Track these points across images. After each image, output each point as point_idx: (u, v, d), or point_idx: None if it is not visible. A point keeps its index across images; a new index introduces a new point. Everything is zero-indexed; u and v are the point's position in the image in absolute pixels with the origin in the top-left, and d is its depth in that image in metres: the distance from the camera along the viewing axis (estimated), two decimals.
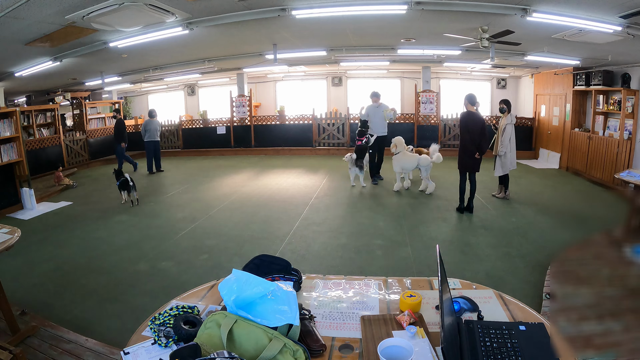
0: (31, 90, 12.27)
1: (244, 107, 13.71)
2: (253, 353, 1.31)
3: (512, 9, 4.96)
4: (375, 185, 8.67)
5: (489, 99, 14.25)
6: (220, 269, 4.73)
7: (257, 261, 1.94)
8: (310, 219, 6.56)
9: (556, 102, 10.84)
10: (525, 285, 4.21)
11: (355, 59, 10.79)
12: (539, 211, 6.74)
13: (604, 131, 8.92)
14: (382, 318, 1.67)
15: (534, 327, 1.51)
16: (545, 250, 5.06)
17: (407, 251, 5.19)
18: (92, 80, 11.13)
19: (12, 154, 7.45)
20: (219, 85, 15.65)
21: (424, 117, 12.79)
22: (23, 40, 5.73)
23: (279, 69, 12.87)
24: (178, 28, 5.70)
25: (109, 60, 8.30)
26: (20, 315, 3.66)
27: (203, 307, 1.82)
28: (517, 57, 8.61)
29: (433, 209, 6.90)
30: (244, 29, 6.43)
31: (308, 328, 1.55)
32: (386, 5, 5.14)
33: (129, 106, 16.12)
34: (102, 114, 13.79)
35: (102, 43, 6.46)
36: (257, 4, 5.11)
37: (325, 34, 7.28)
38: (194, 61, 10.08)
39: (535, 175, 9.83)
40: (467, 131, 6.48)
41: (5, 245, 3.13)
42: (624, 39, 5.59)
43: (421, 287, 1.98)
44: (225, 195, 8.24)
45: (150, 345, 1.49)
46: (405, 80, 14.33)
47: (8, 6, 4.14)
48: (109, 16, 4.66)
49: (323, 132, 13.41)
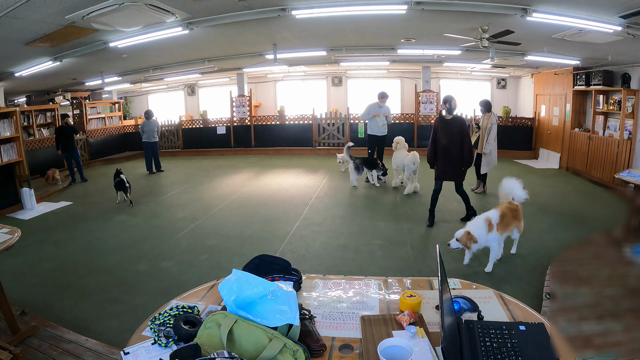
0: (31, 90, 12.26)
1: (244, 107, 13.72)
2: (253, 353, 1.31)
3: (512, 9, 4.96)
4: (375, 186, 8.66)
5: (489, 99, 14.21)
6: (220, 269, 4.72)
7: (257, 261, 1.94)
8: (310, 219, 6.57)
9: (556, 102, 10.83)
10: (525, 285, 4.21)
11: (355, 59, 10.79)
12: (538, 211, 6.74)
13: (604, 131, 8.92)
14: (382, 318, 1.67)
15: (534, 327, 1.52)
16: (545, 250, 5.06)
17: (407, 251, 5.19)
18: (92, 80, 11.13)
19: (12, 154, 7.46)
20: (219, 85, 15.64)
21: (424, 117, 12.79)
22: (23, 40, 5.73)
23: (279, 69, 12.87)
24: (178, 28, 5.70)
25: (109, 60, 8.29)
26: (20, 315, 3.67)
27: (203, 307, 1.82)
28: (517, 57, 8.61)
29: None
30: (244, 29, 6.43)
31: (308, 328, 1.55)
32: (386, 5, 5.13)
33: (129, 106, 16.12)
34: (102, 114, 13.79)
35: (102, 43, 6.46)
36: (257, 4, 5.11)
37: (325, 34, 7.28)
38: (194, 61, 10.07)
39: (535, 175, 9.82)
40: (446, 135, 5.93)
41: (5, 245, 3.13)
42: (624, 38, 5.59)
43: (421, 287, 1.98)
44: (225, 195, 8.25)
45: (150, 345, 1.49)
46: (405, 80, 14.33)
47: (8, 6, 4.14)
48: (109, 16, 4.67)
49: (323, 132, 13.41)
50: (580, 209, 7.04)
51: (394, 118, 12.98)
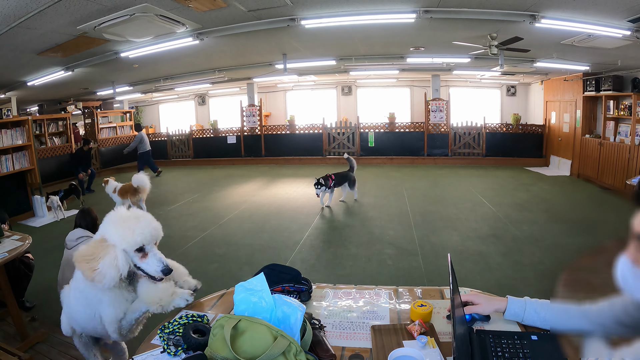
0: (43, 100, 12.44)
1: (254, 117, 13.79)
2: (259, 351, 1.30)
3: (521, 16, 4.95)
4: (379, 197, 8.64)
5: (498, 106, 14.20)
6: (231, 278, 4.72)
7: (267, 270, 1.94)
8: (320, 228, 6.56)
9: (566, 109, 10.76)
10: (537, 294, 4.14)
11: (365, 68, 10.81)
12: (550, 219, 6.68)
13: (615, 137, 8.84)
14: (393, 328, 1.66)
15: (546, 337, 1.50)
16: (557, 258, 5.00)
17: (418, 260, 5.16)
18: (103, 89, 11.27)
19: (24, 162, 7.56)
20: (229, 95, 15.77)
21: (434, 126, 12.76)
22: (35, 50, 5.82)
23: (288, 79, 12.95)
24: (188, 38, 5.76)
25: (120, 70, 8.40)
26: (30, 322, 3.69)
27: (212, 315, 1.82)
28: (526, 64, 8.58)
29: (444, 218, 6.85)
30: (253, 39, 6.48)
31: (318, 338, 1.54)
32: (395, 14, 5.14)
33: (140, 115, 16.29)
34: (114, 123, 13.96)
35: (114, 53, 6.55)
36: (266, 15, 5.15)
37: (334, 43, 7.31)
38: (205, 71, 10.16)
39: (546, 182, 9.74)
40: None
41: (17, 252, 3.17)
42: (633, 43, 5.55)
43: (432, 296, 1.96)
44: (235, 205, 8.27)
45: (159, 354, 1.49)
46: (415, 88, 14.34)
47: (21, 16, 4.21)
48: (120, 27, 4.72)
49: (333, 141, 13.43)
50: (592, 215, 6.96)
51: (405, 127, 13.00)
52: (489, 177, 10.44)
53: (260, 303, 1.46)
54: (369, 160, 13.01)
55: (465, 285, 1.96)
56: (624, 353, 0.99)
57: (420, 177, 10.59)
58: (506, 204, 7.64)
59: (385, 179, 10.52)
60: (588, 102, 9.85)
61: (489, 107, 14.12)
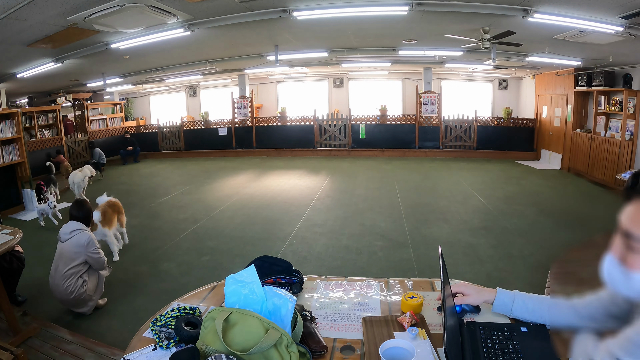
0: (33, 92, 12.30)
1: (245, 109, 13.73)
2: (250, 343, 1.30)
3: (514, 10, 4.97)
4: (370, 190, 8.66)
5: (490, 100, 14.26)
6: (222, 270, 4.72)
7: (259, 262, 1.93)
8: (311, 220, 6.56)
9: (558, 103, 10.83)
10: (527, 287, 4.19)
11: (357, 60, 10.80)
12: (540, 212, 6.74)
13: (605, 132, 8.92)
14: (384, 319, 1.67)
15: (536, 328, 1.51)
16: (547, 251, 5.05)
17: (409, 252, 5.19)
18: (93, 81, 11.14)
19: (13, 155, 7.47)
20: (220, 86, 15.68)
21: (426, 118, 12.79)
22: (25, 42, 5.74)
23: (280, 70, 12.89)
24: (179, 29, 5.71)
25: (111, 61, 8.31)
26: (22, 316, 3.67)
27: (204, 308, 1.81)
28: (518, 58, 8.61)
29: (435, 210, 6.89)
30: (245, 31, 6.44)
31: (309, 329, 1.55)
32: (387, 6, 5.13)
33: (131, 107, 16.15)
34: (104, 115, 13.83)
35: (104, 44, 6.48)
36: (258, 5, 5.11)
37: (327, 35, 7.28)
38: (196, 62, 10.09)
39: (536, 176, 9.82)
40: None
41: (7, 246, 3.14)
42: (625, 39, 5.59)
43: (423, 288, 1.97)
44: (226, 197, 8.25)
45: (151, 352, 1.49)
46: (407, 81, 14.35)
47: (10, 7, 4.15)
48: (110, 17, 4.67)
49: (325, 133, 13.41)
50: (582, 209, 7.04)
51: (396, 119, 13.01)
52: (480, 170, 10.50)
53: (251, 295, 1.45)
54: (361, 153, 13.02)
55: (455, 278, 1.97)
56: (610, 344, 1.00)
57: (411, 170, 10.62)
58: (497, 197, 7.71)
59: (377, 171, 10.55)
60: (579, 97, 9.91)
61: (481, 100, 14.17)
